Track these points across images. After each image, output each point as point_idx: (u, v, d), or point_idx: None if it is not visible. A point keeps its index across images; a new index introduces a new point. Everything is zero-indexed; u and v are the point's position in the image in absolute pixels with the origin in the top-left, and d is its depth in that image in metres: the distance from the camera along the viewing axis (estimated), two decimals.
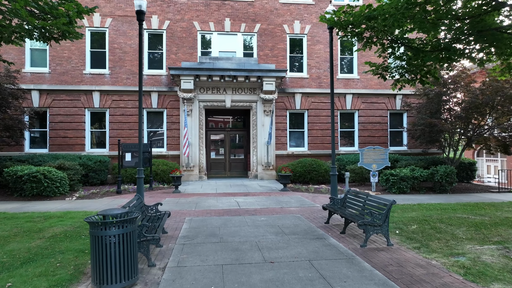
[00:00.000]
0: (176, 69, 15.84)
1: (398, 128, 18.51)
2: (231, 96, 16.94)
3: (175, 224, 7.70)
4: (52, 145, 16.20)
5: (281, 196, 12.05)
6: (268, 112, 17.02)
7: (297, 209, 9.62)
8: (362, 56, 18.22)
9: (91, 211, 9.21)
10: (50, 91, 16.20)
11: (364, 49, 8.94)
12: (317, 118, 17.94)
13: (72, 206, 10.23)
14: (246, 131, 18.63)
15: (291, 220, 8.14)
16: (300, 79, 17.93)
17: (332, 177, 9.88)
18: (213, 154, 18.56)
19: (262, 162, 16.97)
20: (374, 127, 18.36)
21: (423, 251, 5.67)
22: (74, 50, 16.45)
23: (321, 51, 18.06)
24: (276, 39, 17.81)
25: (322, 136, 17.94)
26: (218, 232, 6.90)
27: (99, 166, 14.85)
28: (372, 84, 18.32)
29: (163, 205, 10.15)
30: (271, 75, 16.38)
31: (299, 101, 17.79)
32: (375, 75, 9.30)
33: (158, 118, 17.22)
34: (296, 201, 11.09)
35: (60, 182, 11.71)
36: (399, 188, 12.95)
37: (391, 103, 18.49)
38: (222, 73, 16.08)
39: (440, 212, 8.83)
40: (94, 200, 11.33)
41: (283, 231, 6.98)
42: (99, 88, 16.46)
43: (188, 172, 16.43)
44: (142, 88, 9.14)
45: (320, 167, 15.51)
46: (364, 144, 18.10)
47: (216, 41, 17.57)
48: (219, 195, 12.42)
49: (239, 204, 10.46)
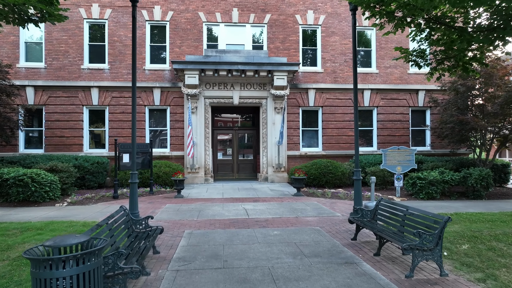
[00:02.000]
0: (180, 63, 14.62)
1: (421, 126, 16.98)
2: (239, 92, 15.65)
3: (171, 240, 6.45)
4: (48, 145, 15.13)
5: (295, 203, 10.73)
6: (279, 109, 15.69)
7: (315, 220, 8.28)
8: (381, 48, 16.77)
9: (78, 221, 8.01)
10: (46, 87, 15.13)
11: (395, 31, 7.57)
12: (332, 116, 16.54)
13: (59, 214, 9.06)
14: (255, 130, 17.33)
15: (310, 235, 6.80)
16: (314, 73, 16.55)
17: (355, 183, 8.51)
18: (220, 154, 17.31)
19: (273, 163, 15.65)
20: (394, 126, 16.87)
21: (492, 286, 4.29)
22: (72, 43, 15.36)
23: (336, 43, 16.65)
24: (288, 30, 16.46)
25: (338, 136, 16.54)
26: (222, 252, 5.62)
27: (97, 168, 13.71)
28: (392, 78, 16.84)
29: (161, 213, 8.93)
30: (282, 69, 15.04)
31: (312, 97, 16.42)
32: (408, 63, 7.89)
33: (160, 116, 16.03)
34: (312, 208, 9.75)
35: (50, 186, 10.57)
36: (428, 193, 11.50)
37: (413, 99, 16.98)
38: (229, 67, 14.80)
39: (489, 226, 7.39)
40: (86, 207, 10.16)
41: (302, 252, 5.65)
42: (98, 84, 15.34)
43: (192, 174, 15.20)
44: (135, 79, 7.92)
45: (337, 169, 14.11)
46: (384, 144, 16.64)
47: (223, 33, 16.31)
48: (226, 200, 11.15)
49: (247, 212, 9.16)
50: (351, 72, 16.57)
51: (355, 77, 8.74)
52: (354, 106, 8.64)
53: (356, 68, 8.66)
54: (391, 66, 16.85)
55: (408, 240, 5.03)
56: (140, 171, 13.36)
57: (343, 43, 16.66)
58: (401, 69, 16.90)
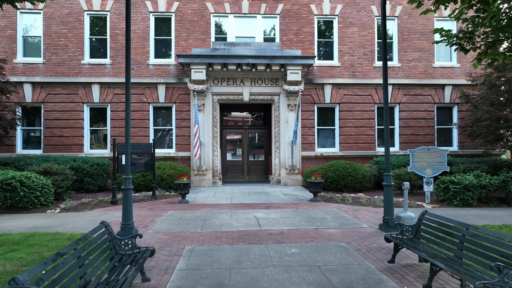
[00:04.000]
0: (186, 57, 13.53)
1: (448, 124, 15.56)
2: (250, 88, 14.50)
3: (167, 260, 5.33)
4: (46, 145, 14.24)
5: (312, 210, 9.52)
6: (292, 106, 14.48)
7: (339, 233, 7.07)
8: (403, 40, 15.40)
9: (64, 233, 6.97)
10: (45, 84, 14.24)
11: (436, 9, 6.31)
12: (350, 114, 15.25)
13: (47, 222, 8.05)
14: (267, 129, 16.16)
15: (336, 254, 5.60)
16: (330, 67, 15.28)
17: (386, 189, 7.26)
18: (229, 155, 16.19)
19: (286, 165, 14.45)
20: (418, 124, 15.48)
21: None
22: (71, 37, 14.44)
23: (354, 35, 15.36)
24: (302, 21, 15.23)
25: (356, 135, 15.24)
26: (227, 280, 4.47)
27: (96, 170, 12.73)
28: (416, 73, 15.46)
29: (161, 223, 7.84)
30: (296, 62, 13.83)
31: (329, 93, 15.16)
32: (451, 46, 6.60)
33: (165, 114, 14.99)
34: (333, 217, 8.53)
35: (41, 191, 9.58)
36: (463, 199, 10.16)
37: (439, 95, 15.56)
38: (239, 60, 13.66)
39: None
40: (79, 214, 9.14)
41: (329, 281, 4.46)
42: (99, 80, 14.38)
43: (199, 177, 14.11)
44: (129, 70, 6.83)
45: (357, 171, 12.83)
46: (406, 144, 15.29)
47: (232, 25, 15.18)
48: (235, 206, 10.01)
49: (259, 222, 8.00)
50: (370, 66, 15.29)
51: (384, 66, 7.48)
52: (384, 99, 7.39)
53: (386, 55, 7.41)
54: (415, 59, 15.48)
55: (472, 270, 3.80)
56: (143, 173, 12.34)
57: (362, 35, 15.36)
58: (425, 62, 15.52)
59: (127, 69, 6.73)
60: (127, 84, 6.72)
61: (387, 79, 7.44)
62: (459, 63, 15.55)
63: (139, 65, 14.59)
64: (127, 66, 6.75)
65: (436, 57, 15.65)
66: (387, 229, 7.08)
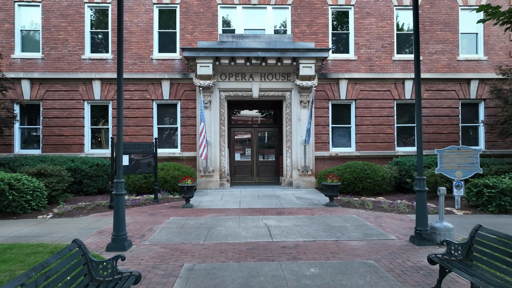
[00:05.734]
0: (191, 50, 12.66)
1: (475, 122, 14.35)
2: (259, 83, 13.54)
3: (160, 283, 4.42)
4: (45, 145, 13.52)
5: (329, 216, 8.52)
6: (305, 103, 13.48)
7: (364, 246, 6.07)
8: (425, 31, 14.26)
9: (48, 244, 6.13)
10: (43, 80, 13.52)
11: None
12: (368, 111, 14.18)
13: (34, 231, 7.23)
14: (277, 128, 15.19)
15: (365, 276, 4.62)
16: (346, 61, 14.23)
17: (418, 195, 6.24)
18: (237, 155, 15.27)
19: (298, 165, 13.45)
20: (441, 122, 14.32)
21: None
22: (71, 31, 13.69)
23: (372, 26, 14.27)
24: (315, 12, 14.21)
25: (374, 133, 14.16)
26: None
27: (96, 171, 11.95)
28: (439, 66, 14.31)
29: (159, 232, 6.95)
30: (309, 55, 12.83)
31: (344, 89, 14.11)
32: (501, 25, 5.54)
33: (170, 112, 14.14)
34: (354, 226, 7.52)
35: (32, 194, 8.79)
36: (500, 205, 9.03)
37: (464, 90, 14.38)
38: (247, 54, 12.73)
39: None
40: (73, 220, 8.32)
41: None
42: (100, 76, 13.60)
43: (206, 178, 13.22)
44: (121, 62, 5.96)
45: (376, 173, 11.77)
46: (429, 143, 14.15)
47: (240, 17, 14.24)
48: (243, 212, 9.07)
49: (270, 231, 7.05)
50: (389, 59, 14.20)
51: (416, 51, 6.44)
52: (415, 90, 6.37)
53: (418, 38, 6.38)
54: (437, 51, 14.32)
55: None
56: (145, 175, 11.49)
57: (380, 26, 14.27)
58: (449, 55, 14.35)
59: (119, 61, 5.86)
60: (119, 80, 5.86)
61: (419, 67, 6.41)
62: (486, 55, 14.33)
63: (142, 60, 13.77)
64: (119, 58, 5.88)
65: (460, 49, 14.47)
66: (420, 242, 6.06)
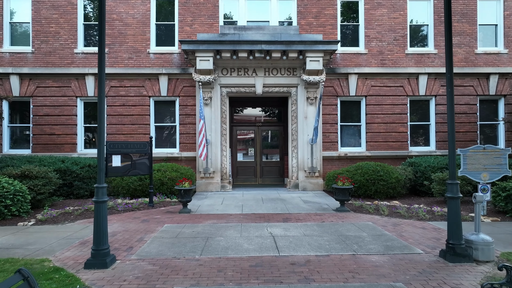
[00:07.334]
0: (190, 43, 11.81)
1: (495, 120, 13.39)
2: (263, 79, 12.66)
3: None
4: (36, 144, 12.72)
5: (341, 223, 7.63)
6: (312, 99, 12.58)
7: (387, 262, 5.17)
8: (440, 22, 13.31)
9: (19, 259, 5.28)
10: (34, 75, 12.72)
11: None
12: (379, 108, 13.26)
13: (9, 241, 6.38)
14: (282, 126, 14.30)
15: None
16: (356, 55, 13.32)
17: (450, 202, 5.32)
18: (239, 156, 14.40)
19: (305, 166, 12.56)
20: (458, 119, 13.35)
21: None
22: (63, 23, 12.88)
23: (383, 18, 13.35)
24: (323, 3, 13.31)
25: (386, 132, 13.23)
26: None
27: (88, 173, 11.13)
28: (455, 60, 13.31)
29: (150, 243, 6.10)
30: (317, 48, 11.93)
31: (354, 84, 13.20)
32: None
33: (168, 109, 13.29)
34: (371, 235, 6.62)
35: (13, 199, 7.97)
36: None
37: (482, 86, 13.42)
38: (250, 47, 11.85)
39: None
40: (56, 227, 7.47)
41: None
42: (94, 71, 12.81)
43: (206, 180, 12.36)
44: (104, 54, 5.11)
45: (390, 175, 10.85)
46: (444, 142, 13.21)
47: (243, 8, 13.37)
48: (246, 218, 8.20)
49: (276, 242, 6.17)
50: (402, 52, 13.28)
51: (448, 41, 5.52)
52: (447, 79, 5.45)
53: (450, 23, 5.46)
54: (454, 44, 13.33)
55: None
56: (140, 176, 10.64)
57: (392, 17, 13.34)
58: (466, 48, 13.40)
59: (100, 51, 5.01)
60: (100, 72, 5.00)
61: (451, 57, 5.49)
62: (507, 48, 13.37)
63: (138, 53, 12.94)
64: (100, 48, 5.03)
65: (479, 42, 13.51)
66: (453, 258, 5.15)
